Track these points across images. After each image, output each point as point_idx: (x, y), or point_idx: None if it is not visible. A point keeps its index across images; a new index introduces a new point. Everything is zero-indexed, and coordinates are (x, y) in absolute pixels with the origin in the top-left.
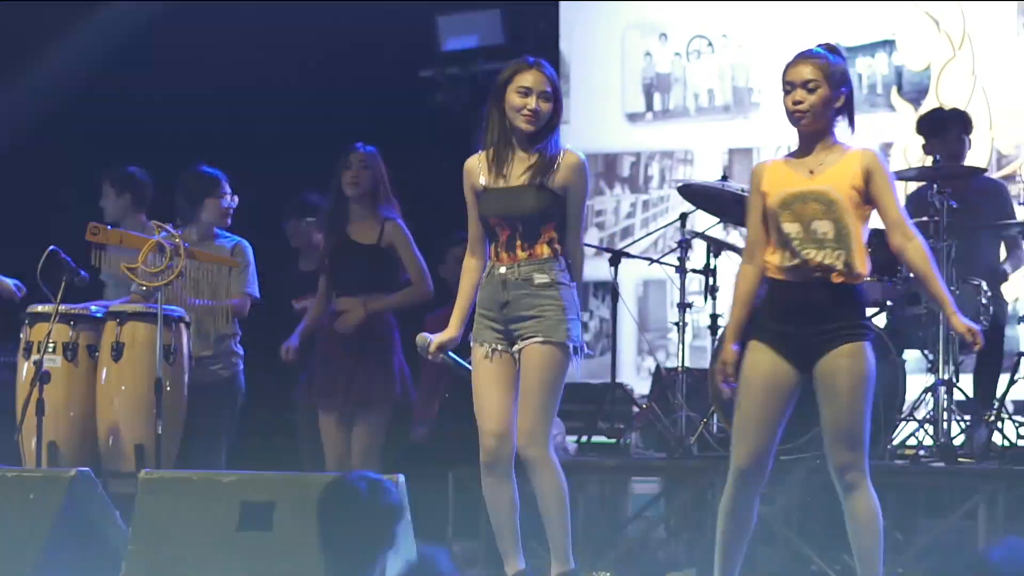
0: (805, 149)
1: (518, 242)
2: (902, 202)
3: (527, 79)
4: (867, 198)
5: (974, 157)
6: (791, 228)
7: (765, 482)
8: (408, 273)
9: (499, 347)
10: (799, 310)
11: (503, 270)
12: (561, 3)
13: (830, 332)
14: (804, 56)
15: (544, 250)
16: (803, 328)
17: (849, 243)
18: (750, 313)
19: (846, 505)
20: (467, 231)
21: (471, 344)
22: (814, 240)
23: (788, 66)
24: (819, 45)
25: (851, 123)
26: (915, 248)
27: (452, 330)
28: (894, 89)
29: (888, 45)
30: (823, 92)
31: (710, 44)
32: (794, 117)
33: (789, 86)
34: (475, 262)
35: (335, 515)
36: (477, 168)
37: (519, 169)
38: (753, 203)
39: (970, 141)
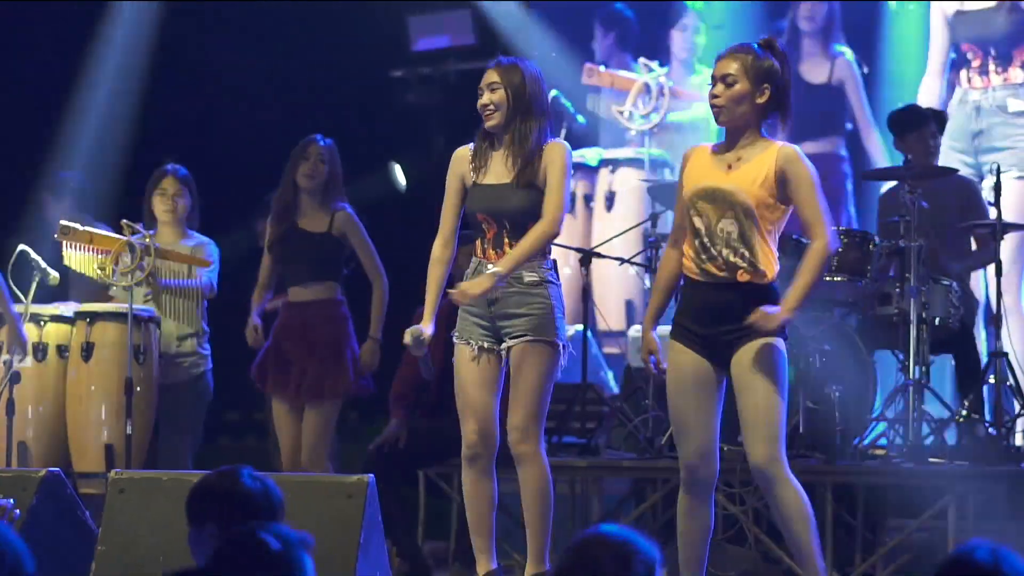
0: (728, 142)
1: (506, 239)
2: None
3: (483, 78)
4: (781, 198)
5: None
6: (700, 223)
7: (716, 479)
8: (362, 262)
9: (485, 344)
10: (709, 310)
11: (490, 267)
12: (531, 3)
13: (741, 330)
14: (730, 50)
15: None
16: (714, 328)
17: (752, 243)
18: (668, 298)
19: (772, 500)
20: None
21: (454, 341)
22: (720, 237)
23: (715, 60)
24: (760, 40)
25: (783, 120)
26: (812, 248)
27: (429, 324)
28: None
29: None
30: (740, 87)
31: None
32: (712, 111)
33: (712, 80)
34: (446, 253)
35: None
36: (466, 159)
37: (502, 165)
38: (680, 185)
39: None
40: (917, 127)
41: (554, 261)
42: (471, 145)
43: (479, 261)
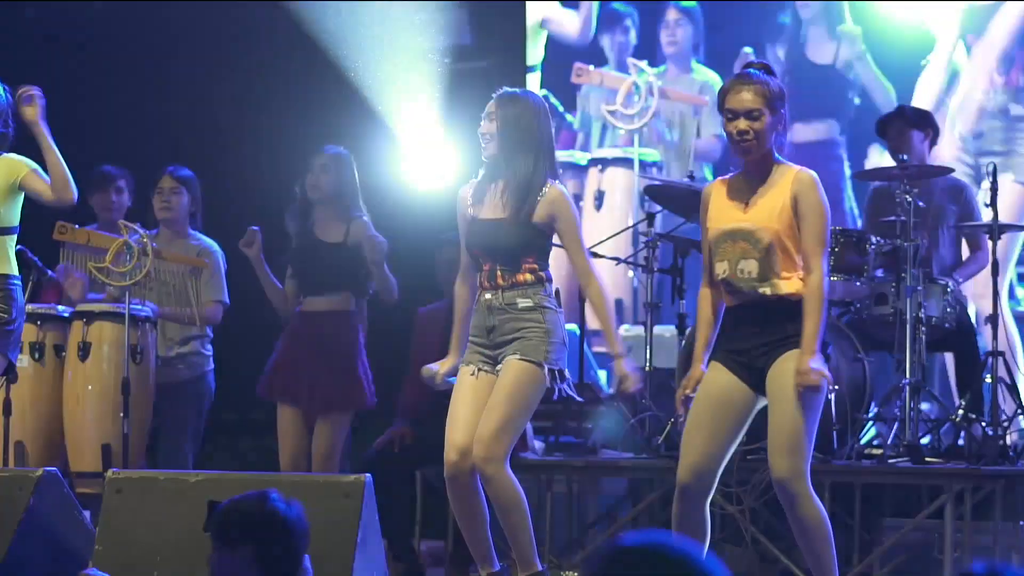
0: (747, 172)
1: (499, 272)
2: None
3: (487, 106)
4: (799, 223)
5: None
6: (720, 268)
7: (711, 494)
8: (372, 271)
9: (484, 368)
10: (744, 325)
11: (488, 296)
12: (527, 3)
13: (776, 341)
14: (743, 81)
15: (527, 277)
16: (749, 341)
17: (772, 278)
18: (712, 331)
19: (791, 516)
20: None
21: (460, 367)
22: (740, 278)
23: (726, 92)
24: (753, 66)
25: (784, 134)
26: (809, 284)
27: (452, 357)
28: None
29: None
30: (765, 119)
31: None
32: (741, 147)
33: (731, 114)
34: (465, 289)
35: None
36: (465, 199)
37: (498, 199)
38: (704, 227)
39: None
40: (899, 128)
41: (556, 289)
42: (473, 180)
43: (479, 292)
